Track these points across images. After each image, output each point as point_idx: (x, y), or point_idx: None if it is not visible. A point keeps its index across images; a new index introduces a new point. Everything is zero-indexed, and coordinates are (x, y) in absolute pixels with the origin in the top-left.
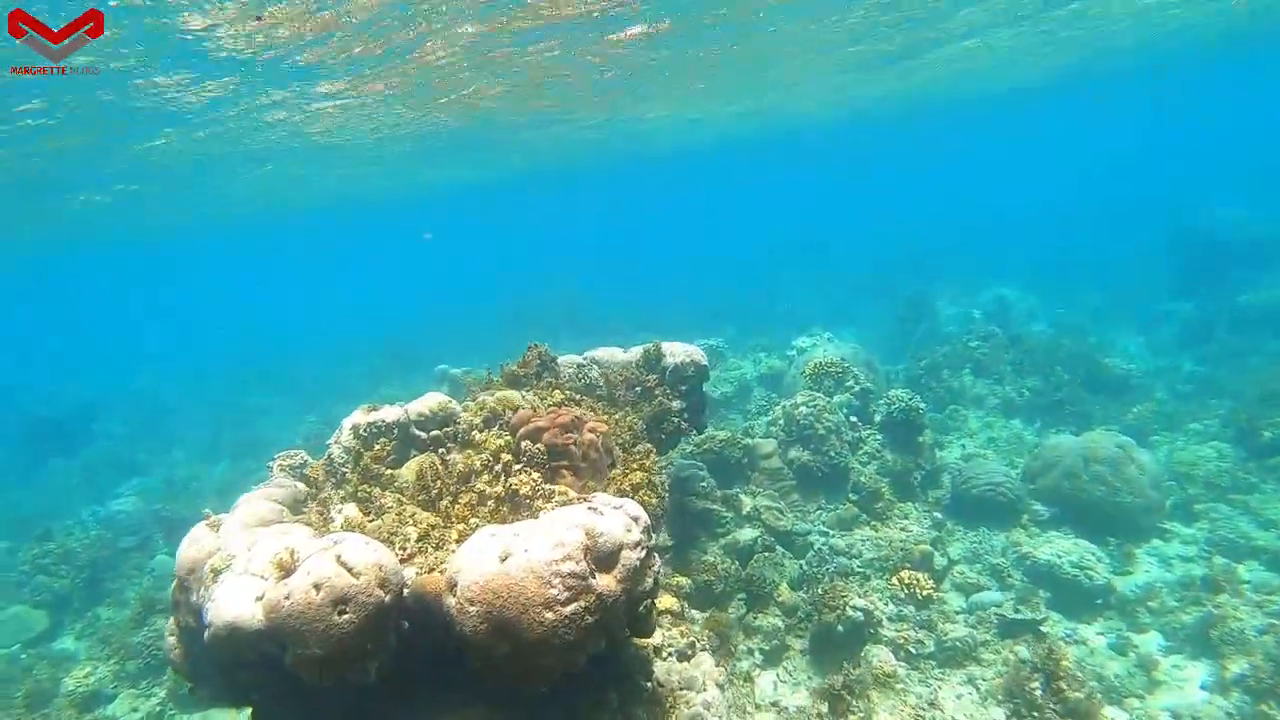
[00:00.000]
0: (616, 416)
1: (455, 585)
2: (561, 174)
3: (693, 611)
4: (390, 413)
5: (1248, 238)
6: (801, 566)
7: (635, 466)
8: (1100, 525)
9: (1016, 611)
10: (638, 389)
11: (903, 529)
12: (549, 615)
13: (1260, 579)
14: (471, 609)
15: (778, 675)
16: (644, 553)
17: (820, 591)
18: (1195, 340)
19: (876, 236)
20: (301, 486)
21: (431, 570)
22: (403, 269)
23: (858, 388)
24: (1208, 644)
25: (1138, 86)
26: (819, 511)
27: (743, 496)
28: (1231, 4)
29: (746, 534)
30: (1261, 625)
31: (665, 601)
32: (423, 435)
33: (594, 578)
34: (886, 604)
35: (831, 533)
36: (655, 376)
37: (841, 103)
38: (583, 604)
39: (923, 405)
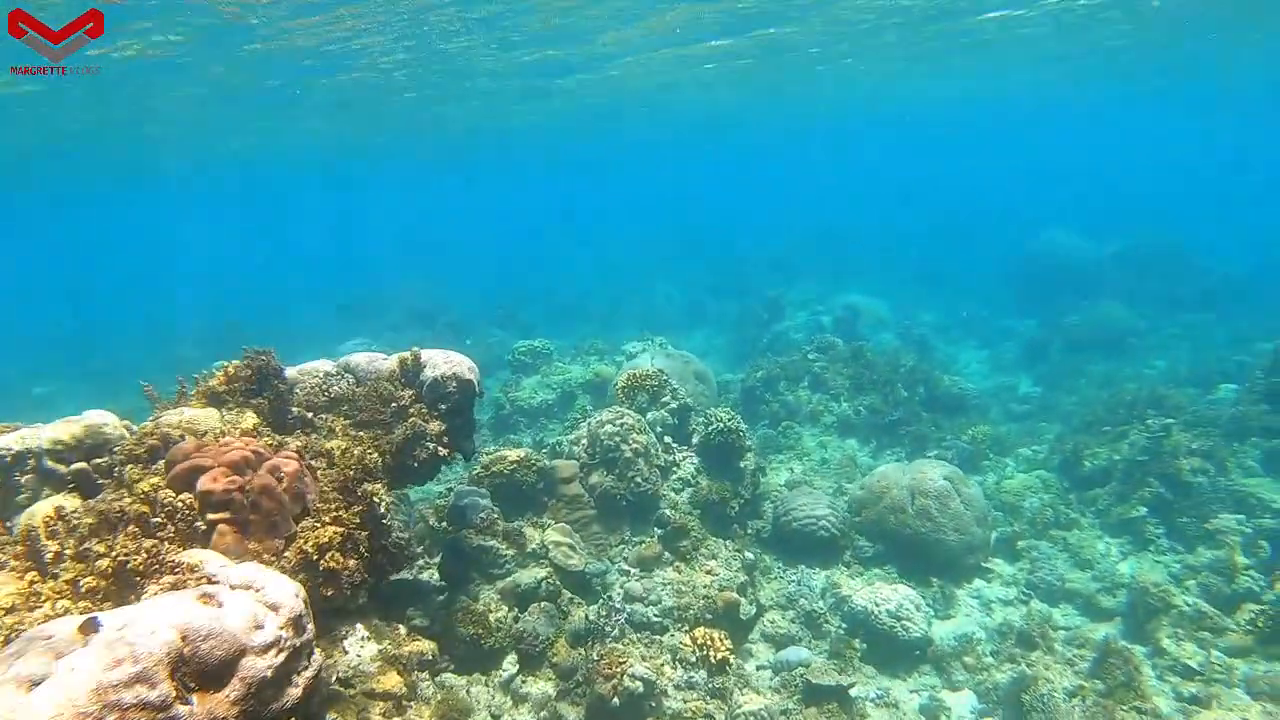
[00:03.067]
0: (344, 446)
1: None
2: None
3: (446, 677)
4: (11, 439)
5: (1080, 260)
6: (588, 617)
7: (329, 519)
8: (924, 564)
9: (823, 675)
10: (393, 406)
11: (709, 571)
12: None
13: (1073, 627)
14: None
15: None
16: (283, 656)
17: (596, 655)
18: (1034, 359)
19: (747, 235)
20: None
21: None
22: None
23: (675, 404)
24: (1019, 708)
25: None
26: (622, 546)
27: (529, 530)
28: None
29: (529, 576)
30: (1071, 687)
31: (387, 682)
32: (61, 469)
33: (183, 704)
34: (675, 668)
35: (633, 572)
36: (411, 392)
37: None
38: None
39: (743, 427)
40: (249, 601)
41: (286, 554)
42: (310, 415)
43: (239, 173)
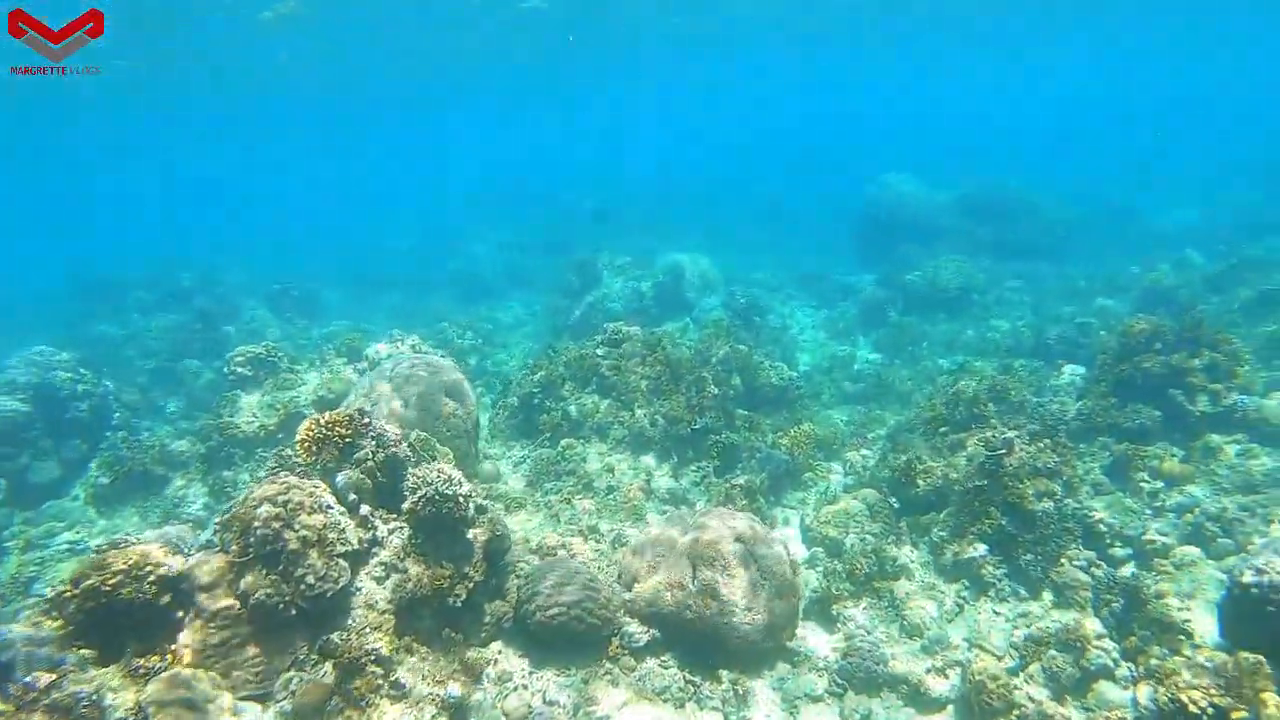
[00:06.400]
0: None
1: None
2: None
3: None
4: None
5: (920, 207)
6: None
7: None
8: (712, 652)
9: None
10: None
11: None
12: None
13: None
14: None
15: None
16: None
17: None
18: (872, 321)
19: (580, 187)
20: None
21: None
22: None
23: (380, 456)
24: None
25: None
26: (290, 675)
27: (116, 692)
28: None
29: None
30: None
31: None
32: None
33: None
34: None
35: None
36: None
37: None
38: None
39: (462, 491)
40: None
41: None
42: None
43: None
